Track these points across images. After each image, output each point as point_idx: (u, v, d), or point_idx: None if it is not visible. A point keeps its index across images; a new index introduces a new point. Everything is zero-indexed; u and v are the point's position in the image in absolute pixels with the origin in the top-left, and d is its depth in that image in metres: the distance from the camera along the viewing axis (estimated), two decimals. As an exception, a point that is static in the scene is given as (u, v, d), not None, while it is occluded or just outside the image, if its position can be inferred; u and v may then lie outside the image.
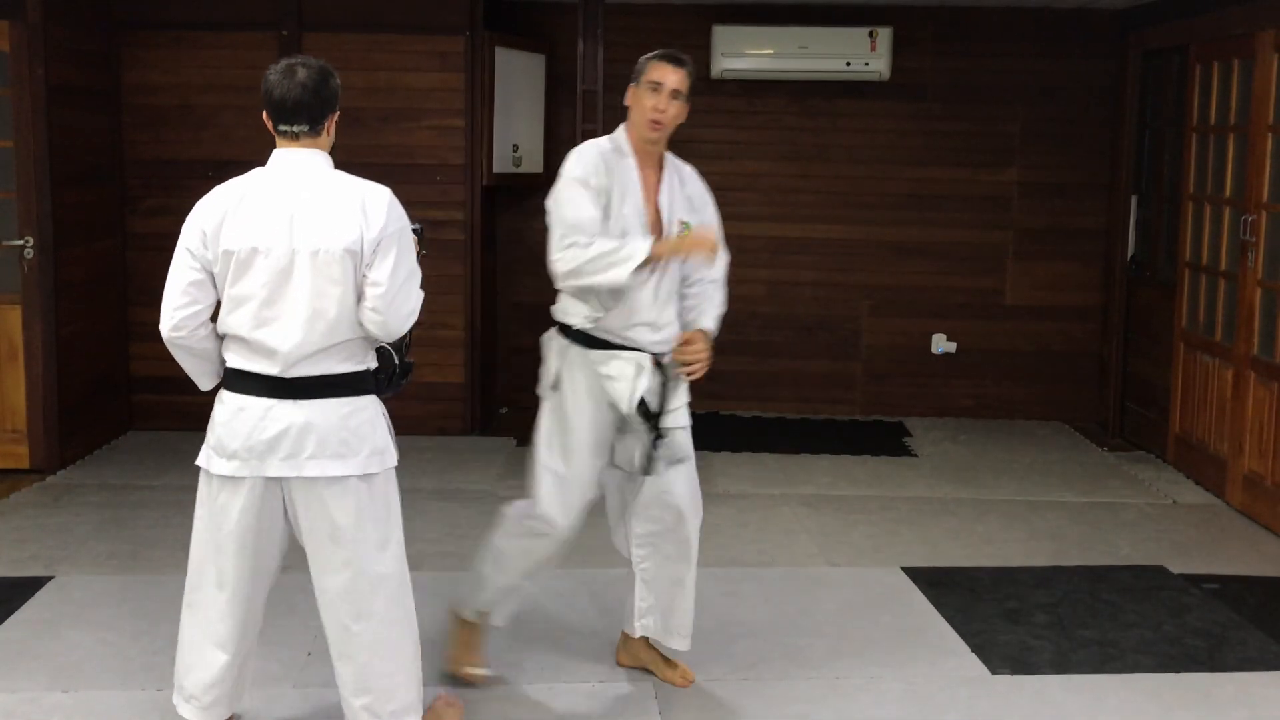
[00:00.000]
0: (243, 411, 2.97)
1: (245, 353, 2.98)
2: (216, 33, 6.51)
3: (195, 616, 3.12)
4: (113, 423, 6.53)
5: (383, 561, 3.07)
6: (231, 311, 2.97)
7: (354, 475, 2.99)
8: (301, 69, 2.96)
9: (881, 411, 7.37)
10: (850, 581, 4.69)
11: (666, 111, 3.41)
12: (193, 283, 2.98)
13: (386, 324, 2.97)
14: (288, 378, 2.95)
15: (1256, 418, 5.54)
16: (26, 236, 5.76)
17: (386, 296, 2.94)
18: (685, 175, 3.61)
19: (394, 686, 3.10)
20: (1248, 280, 5.61)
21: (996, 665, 3.92)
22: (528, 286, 7.42)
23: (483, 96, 6.52)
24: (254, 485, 2.99)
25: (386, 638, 3.08)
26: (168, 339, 3.02)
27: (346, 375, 3.01)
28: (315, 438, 2.96)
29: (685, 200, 3.56)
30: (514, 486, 5.84)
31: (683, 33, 7.17)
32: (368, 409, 3.04)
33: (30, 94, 5.68)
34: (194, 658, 3.13)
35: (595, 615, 4.28)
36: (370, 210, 2.95)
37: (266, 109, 2.99)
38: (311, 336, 2.93)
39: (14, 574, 4.56)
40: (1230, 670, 3.92)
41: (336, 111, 3.05)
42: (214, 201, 2.98)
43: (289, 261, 2.91)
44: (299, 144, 3.00)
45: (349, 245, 2.91)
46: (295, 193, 2.94)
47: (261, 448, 2.95)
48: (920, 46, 7.12)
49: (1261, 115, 5.52)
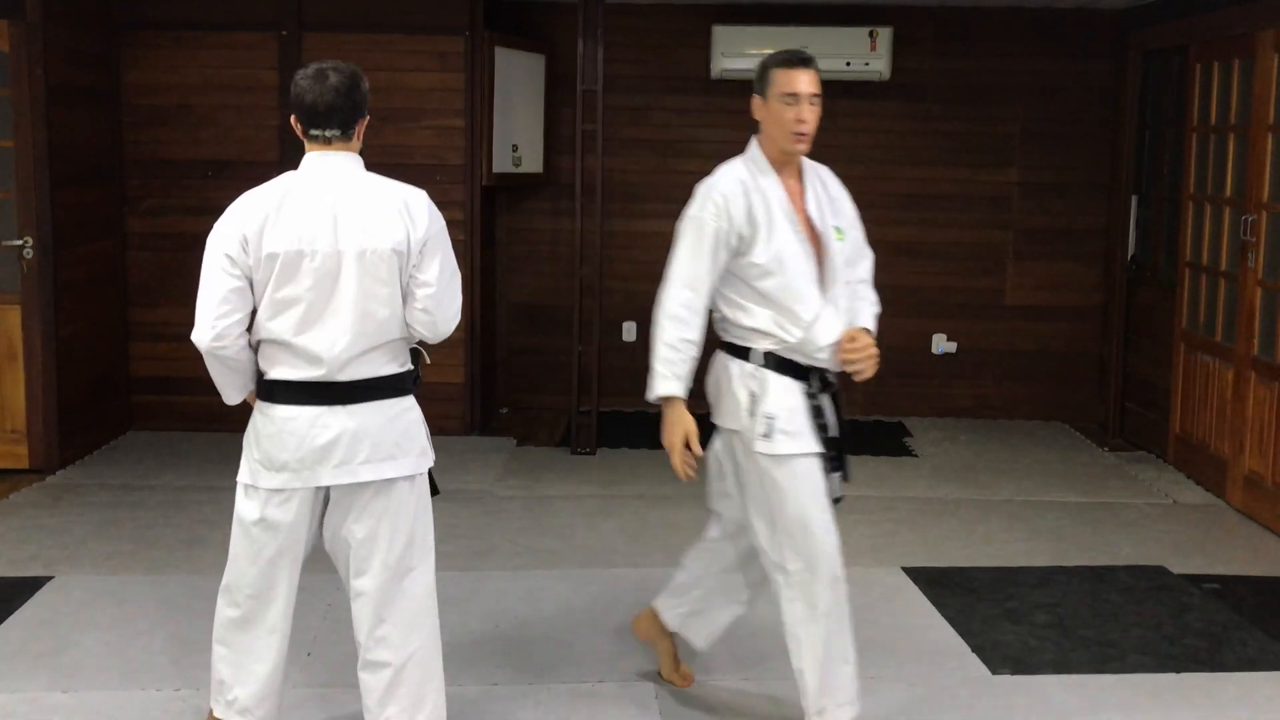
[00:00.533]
0: (291, 421, 2.94)
1: (288, 359, 2.94)
2: (216, 33, 6.51)
3: (246, 633, 3.07)
4: (113, 423, 6.53)
5: (417, 562, 3.09)
6: (274, 316, 2.91)
7: (404, 476, 3.01)
8: (333, 73, 2.94)
9: (881, 411, 7.37)
10: (850, 581, 4.65)
11: (809, 121, 3.19)
12: (233, 290, 2.90)
13: (435, 324, 3.00)
14: (335, 382, 2.93)
15: (1257, 418, 5.53)
16: (26, 236, 5.76)
17: (436, 296, 2.97)
18: (825, 177, 3.40)
19: (424, 695, 3.10)
20: (1248, 280, 5.61)
21: (996, 665, 3.92)
22: (527, 287, 7.43)
23: (482, 96, 6.52)
24: (305, 496, 2.98)
25: (417, 644, 3.08)
26: (208, 349, 2.93)
27: (391, 377, 3.01)
28: (369, 442, 2.95)
29: (830, 203, 3.32)
30: (514, 486, 5.85)
31: (683, 33, 7.18)
32: (413, 408, 3.06)
33: (30, 94, 5.68)
34: (245, 673, 3.09)
35: (595, 615, 4.28)
36: (414, 211, 2.96)
37: (296, 113, 2.97)
38: (360, 338, 2.92)
39: (14, 574, 4.56)
40: (1230, 670, 3.92)
41: (367, 116, 3.05)
42: (252, 206, 2.92)
43: (336, 263, 2.89)
44: (331, 148, 2.98)
45: (396, 245, 2.92)
46: (336, 195, 2.93)
47: (313, 457, 2.93)
48: (920, 46, 7.12)
49: (1261, 115, 5.52)
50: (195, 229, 5.83)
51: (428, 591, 3.11)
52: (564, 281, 7.21)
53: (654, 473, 6.10)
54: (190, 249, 6.36)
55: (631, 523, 5.33)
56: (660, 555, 4.93)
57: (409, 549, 3.05)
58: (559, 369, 7.29)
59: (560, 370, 7.26)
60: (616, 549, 5.00)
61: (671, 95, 7.24)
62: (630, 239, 7.27)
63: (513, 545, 5.00)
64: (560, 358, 7.27)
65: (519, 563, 4.80)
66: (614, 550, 5.00)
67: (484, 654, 3.93)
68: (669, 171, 7.24)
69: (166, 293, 6.56)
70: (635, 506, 5.56)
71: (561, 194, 7.20)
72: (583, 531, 5.21)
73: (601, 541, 5.10)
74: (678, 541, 5.11)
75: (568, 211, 7.03)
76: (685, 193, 3.32)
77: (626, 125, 7.19)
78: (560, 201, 7.24)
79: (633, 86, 7.18)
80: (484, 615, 4.25)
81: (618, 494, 5.76)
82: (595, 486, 5.87)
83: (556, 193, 7.27)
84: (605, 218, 6.76)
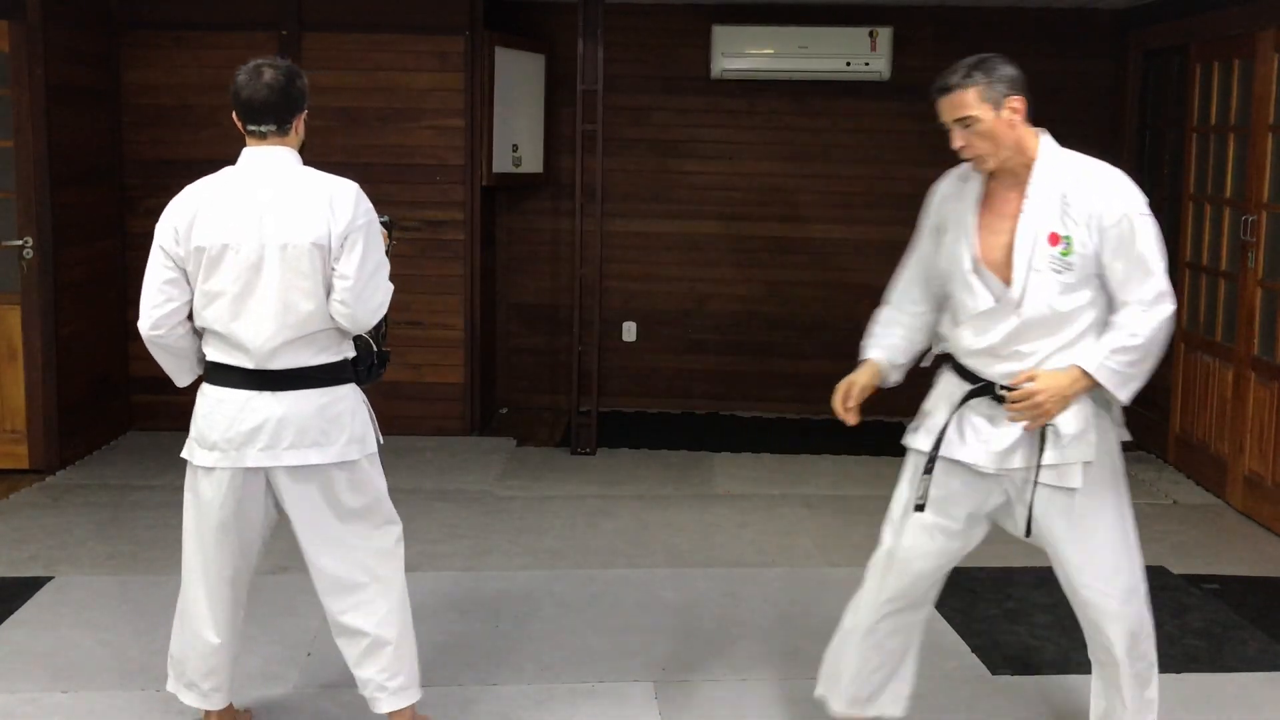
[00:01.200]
0: (222, 404, 3.06)
1: (222, 346, 3.06)
2: (216, 33, 6.51)
3: (187, 603, 3.21)
4: (113, 423, 6.53)
5: (371, 540, 3.18)
6: (206, 306, 3.04)
7: (332, 463, 3.08)
8: (268, 70, 3.04)
9: (881, 411, 7.35)
10: (850, 581, 4.65)
11: (968, 146, 2.96)
12: (168, 280, 3.05)
13: (354, 316, 3.04)
14: (264, 370, 3.03)
15: (1257, 418, 5.53)
16: (26, 237, 5.76)
17: (354, 289, 3.01)
18: (1070, 185, 2.97)
19: (397, 660, 3.21)
20: (1248, 280, 5.61)
21: (997, 665, 3.92)
22: (527, 286, 7.43)
23: (482, 96, 6.51)
24: (234, 476, 3.07)
25: (382, 614, 3.18)
26: (146, 338, 3.10)
27: (323, 367, 3.08)
28: (294, 428, 3.04)
29: (1062, 215, 2.92)
30: (514, 486, 5.85)
31: (683, 33, 7.18)
32: (346, 398, 3.12)
33: (30, 94, 5.68)
34: (188, 645, 3.22)
35: (595, 615, 4.28)
36: (337, 205, 3.01)
37: (235, 109, 3.09)
38: (283, 330, 3.00)
39: (14, 574, 4.56)
40: (1230, 670, 3.92)
41: (304, 111, 3.12)
42: (185, 200, 3.07)
43: (259, 256, 2.98)
44: (267, 142, 3.08)
45: (316, 239, 2.98)
46: (264, 189, 3.02)
47: (240, 439, 3.03)
48: (920, 46, 7.12)
49: (1262, 115, 5.51)
50: (195, 229, 5.86)
51: (386, 568, 3.20)
52: (564, 281, 7.21)
53: (654, 473, 6.10)
54: (190, 249, 6.40)
55: (631, 523, 5.33)
56: (660, 555, 4.93)
57: (356, 528, 3.15)
58: (559, 369, 7.29)
59: (560, 370, 7.26)
60: (616, 549, 5.00)
61: (671, 95, 7.24)
62: (630, 239, 7.27)
63: (513, 545, 5.00)
64: (560, 358, 7.27)
65: (519, 563, 4.80)
66: (614, 550, 5.00)
67: (484, 654, 3.93)
68: (669, 171, 7.24)
69: (166, 293, 6.55)
70: (635, 506, 5.56)
71: (561, 194, 7.20)
72: (583, 531, 5.21)
73: (601, 541, 5.10)
74: (678, 541, 5.12)
75: (568, 211, 7.02)
76: (685, 193, 3.32)
77: (626, 125, 7.19)
78: (560, 201, 7.24)
79: (633, 86, 7.18)
80: (484, 615, 4.25)
81: (618, 494, 5.76)
82: (595, 486, 5.87)
83: (556, 193, 7.27)
84: (605, 218, 6.76)
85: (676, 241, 7.21)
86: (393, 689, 3.22)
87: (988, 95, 2.90)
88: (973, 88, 2.91)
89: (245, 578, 3.21)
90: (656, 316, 7.43)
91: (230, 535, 3.12)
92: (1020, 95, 2.94)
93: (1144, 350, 2.86)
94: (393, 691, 3.22)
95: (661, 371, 7.43)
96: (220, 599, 3.17)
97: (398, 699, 3.23)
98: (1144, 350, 2.86)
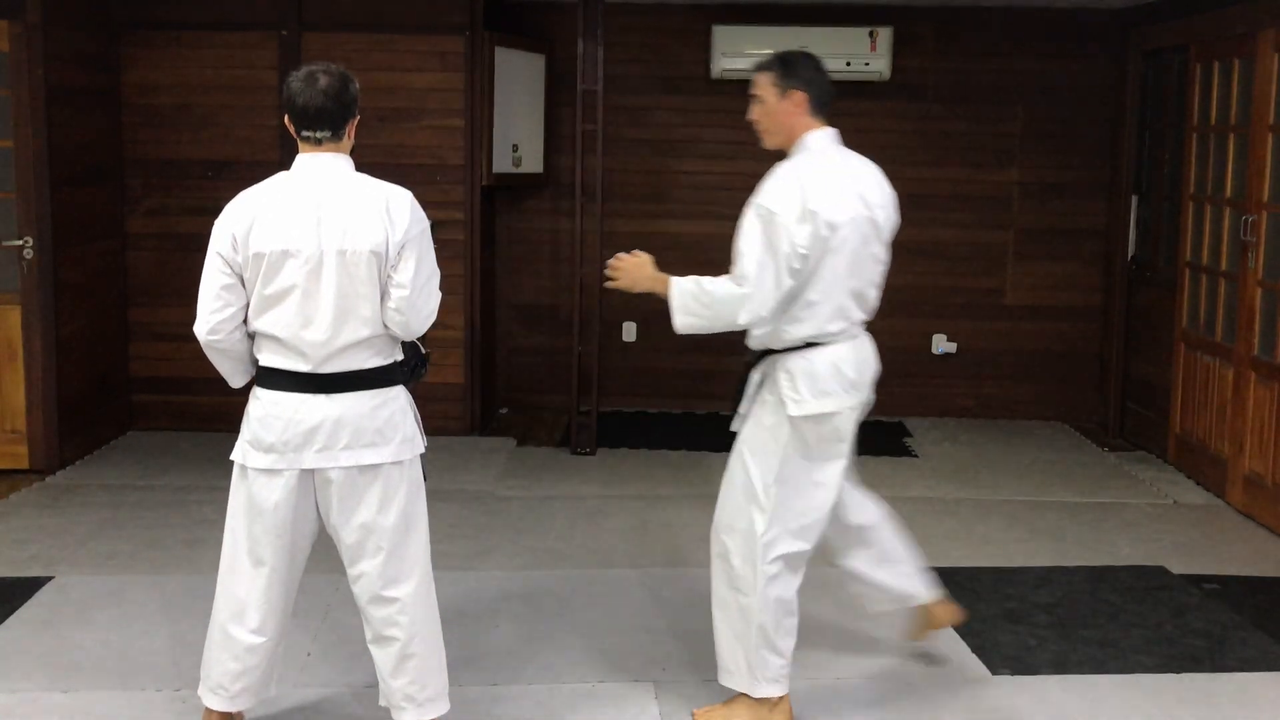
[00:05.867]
0: (277, 406, 3.08)
1: (278, 351, 3.08)
2: (216, 33, 6.51)
3: (230, 606, 3.19)
4: (113, 423, 6.53)
5: (413, 544, 3.20)
6: (263, 312, 3.05)
7: (388, 462, 3.11)
8: (323, 76, 3.04)
9: (881, 411, 7.33)
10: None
11: (756, 120, 3.62)
12: (225, 286, 3.07)
13: (408, 324, 3.09)
14: (320, 373, 3.06)
15: (1257, 418, 5.53)
16: (26, 236, 5.76)
17: (410, 298, 3.06)
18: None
19: (427, 671, 3.22)
20: (1248, 280, 5.61)
21: (996, 665, 3.92)
22: (527, 287, 7.42)
23: (482, 96, 6.51)
24: (290, 477, 3.09)
25: (419, 621, 3.20)
26: (204, 342, 3.12)
27: (376, 370, 3.11)
28: (349, 429, 3.06)
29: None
30: (514, 486, 5.85)
31: (683, 33, 7.18)
32: (397, 399, 3.15)
33: (30, 94, 5.68)
34: (224, 650, 3.21)
35: (595, 615, 4.28)
36: (394, 213, 3.05)
37: (289, 115, 3.08)
38: (340, 334, 3.03)
39: (14, 574, 4.56)
40: (1230, 670, 3.92)
41: (357, 116, 3.14)
42: (242, 206, 3.07)
43: (318, 262, 3.00)
44: (322, 149, 3.09)
45: (374, 247, 3.01)
46: (321, 196, 3.04)
47: (298, 440, 3.06)
48: (920, 46, 7.12)
49: (1262, 115, 5.52)
50: (195, 229, 5.85)
51: (423, 572, 3.23)
52: (564, 281, 7.20)
53: (654, 473, 6.10)
54: (190, 249, 6.39)
55: (631, 523, 5.33)
56: (660, 555, 4.93)
57: (402, 531, 3.16)
58: (559, 369, 7.29)
59: (560, 370, 7.26)
60: (616, 549, 5.00)
61: (671, 95, 7.24)
62: (630, 239, 7.24)
63: (513, 545, 5.00)
64: (560, 358, 7.26)
65: (519, 563, 4.80)
66: (614, 550, 5.00)
67: (484, 654, 3.93)
68: (669, 171, 7.23)
69: (166, 293, 6.56)
70: (635, 506, 5.56)
71: (561, 194, 7.20)
72: (583, 531, 5.21)
73: (601, 541, 5.10)
74: (678, 541, 5.12)
75: (568, 211, 7.02)
76: (685, 193, 3.35)
77: (626, 125, 7.19)
78: (560, 201, 7.24)
79: (633, 86, 7.18)
80: (484, 615, 4.25)
81: (618, 494, 5.76)
82: (595, 486, 5.87)
83: (556, 193, 7.27)
84: (605, 218, 6.76)
85: (676, 241, 7.21)
86: (421, 700, 3.22)
87: (777, 82, 3.46)
88: (769, 73, 3.47)
89: (296, 580, 3.23)
90: (656, 316, 7.38)
91: (285, 536, 3.13)
92: (805, 93, 3.46)
93: (712, 298, 3.51)
94: (421, 703, 3.22)
95: (661, 371, 7.43)
96: (270, 599, 3.17)
97: (425, 710, 3.23)
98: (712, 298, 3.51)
